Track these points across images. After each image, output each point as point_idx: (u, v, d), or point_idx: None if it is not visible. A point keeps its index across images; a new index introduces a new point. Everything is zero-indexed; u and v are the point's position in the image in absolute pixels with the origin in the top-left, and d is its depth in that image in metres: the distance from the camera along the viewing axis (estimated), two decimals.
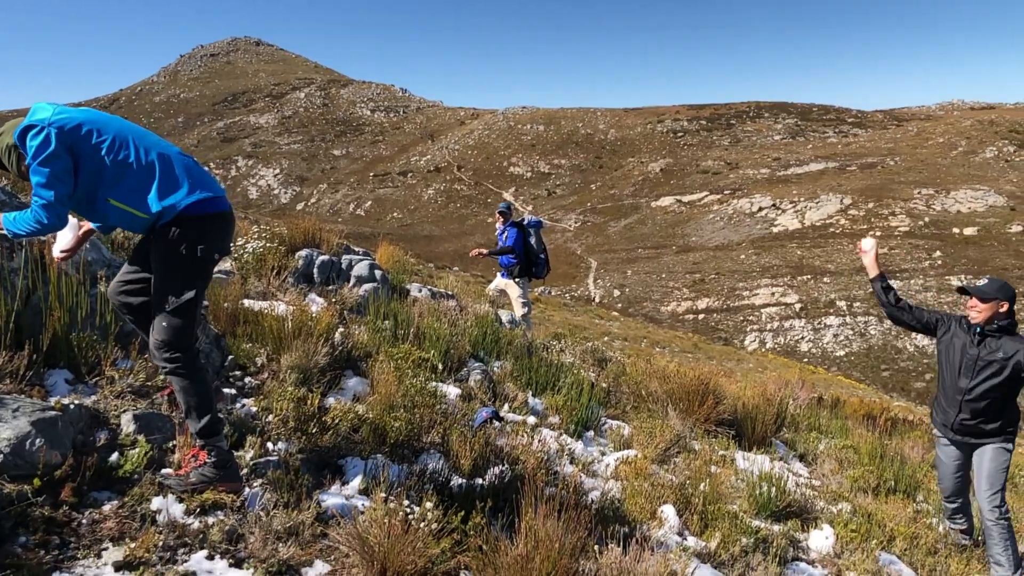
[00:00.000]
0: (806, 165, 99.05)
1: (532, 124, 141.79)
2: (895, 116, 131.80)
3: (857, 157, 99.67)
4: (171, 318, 3.14)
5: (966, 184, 78.41)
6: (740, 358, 33.26)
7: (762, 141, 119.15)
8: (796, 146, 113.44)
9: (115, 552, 2.79)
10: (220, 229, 3.25)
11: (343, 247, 7.29)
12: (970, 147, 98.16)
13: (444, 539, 3.24)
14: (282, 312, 4.94)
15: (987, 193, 74.83)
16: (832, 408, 9.89)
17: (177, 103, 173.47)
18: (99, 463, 3.13)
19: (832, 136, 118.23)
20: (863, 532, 4.96)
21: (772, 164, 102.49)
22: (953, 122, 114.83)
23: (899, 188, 79.06)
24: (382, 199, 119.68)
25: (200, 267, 3.19)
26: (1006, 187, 78.08)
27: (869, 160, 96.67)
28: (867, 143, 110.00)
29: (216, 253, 3.24)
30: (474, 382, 5.71)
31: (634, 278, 67.57)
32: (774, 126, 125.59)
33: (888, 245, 64.83)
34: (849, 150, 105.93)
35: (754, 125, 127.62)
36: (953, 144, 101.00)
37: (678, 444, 5.88)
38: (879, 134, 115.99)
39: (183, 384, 3.18)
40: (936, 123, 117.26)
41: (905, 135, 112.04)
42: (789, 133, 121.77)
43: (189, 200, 3.12)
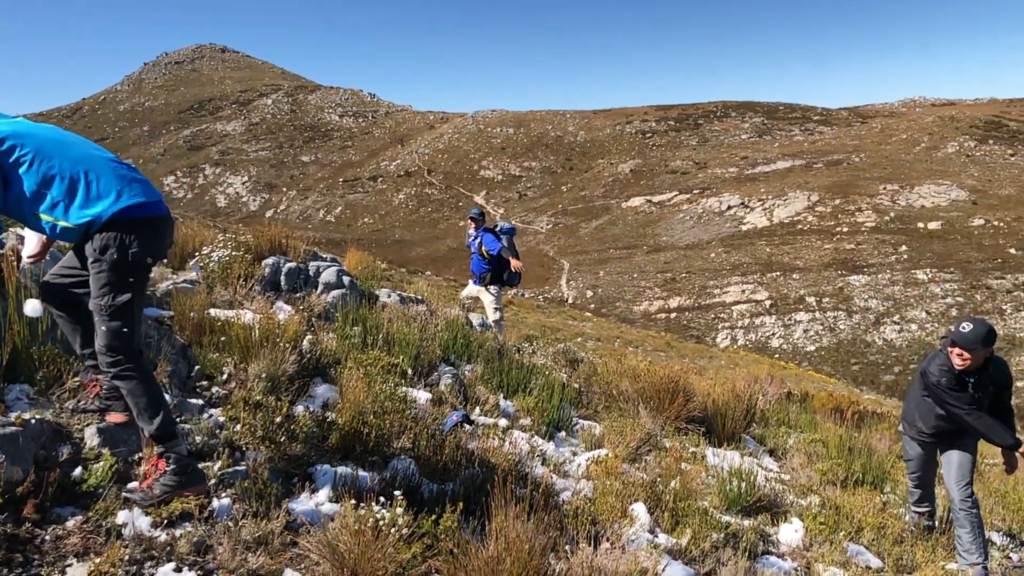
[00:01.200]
0: (773, 163, 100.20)
1: (502, 127, 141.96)
2: (860, 113, 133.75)
3: (823, 155, 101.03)
4: (109, 322, 3.13)
5: (929, 179, 79.82)
6: (712, 355, 33.52)
7: (730, 140, 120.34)
8: (763, 145, 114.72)
9: (80, 568, 2.75)
10: (153, 233, 3.24)
11: (311, 254, 7.25)
12: (932, 143, 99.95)
13: (415, 544, 3.24)
14: (249, 320, 4.90)
15: (950, 188, 76.24)
16: (801, 403, 10.00)
17: (142, 112, 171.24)
18: (62, 478, 3.08)
19: (798, 134, 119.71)
20: (831, 524, 5.03)
21: (740, 163, 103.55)
22: (916, 119, 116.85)
23: (865, 184, 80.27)
24: (352, 205, 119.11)
25: (133, 271, 3.17)
26: (968, 182, 79.62)
27: (835, 157, 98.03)
28: (833, 140, 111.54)
29: (149, 257, 3.22)
30: (445, 386, 5.71)
31: (606, 279, 67.89)
32: (741, 125, 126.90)
33: (855, 241, 65.78)
34: (815, 148, 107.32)
35: (721, 125, 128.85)
36: (916, 140, 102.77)
37: (649, 442, 5.92)
38: (844, 131, 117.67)
39: (130, 387, 3.18)
40: (899, 120, 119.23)
41: (870, 132, 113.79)
42: (756, 132, 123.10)
43: (117, 207, 3.11)
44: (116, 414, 3.46)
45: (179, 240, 6.66)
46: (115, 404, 3.47)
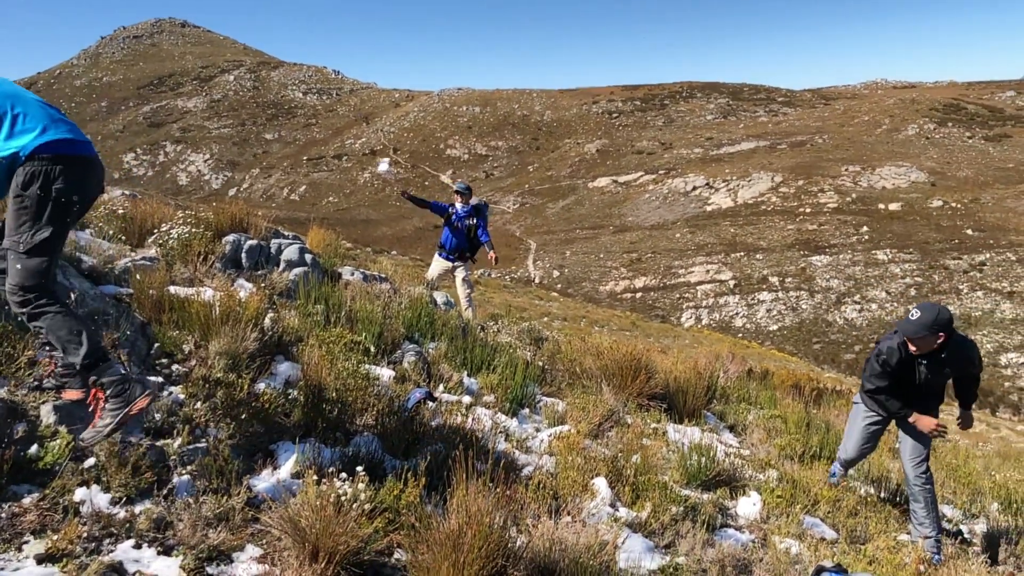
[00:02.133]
0: (738, 144, 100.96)
1: (468, 106, 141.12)
2: (823, 95, 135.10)
3: (787, 136, 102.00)
4: (26, 260, 3.05)
5: (890, 161, 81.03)
6: (677, 335, 33.88)
7: (695, 121, 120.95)
8: (728, 125, 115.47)
9: (37, 545, 2.73)
10: (80, 173, 3.18)
11: (272, 231, 7.18)
12: (893, 125, 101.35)
13: (377, 519, 3.26)
14: (209, 298, 4.85)
15: (910, 169, 77.47)
16: (761, 380, 10.17)
17: (100, 87, 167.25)
18: (17, 456, 3.05)
19: (763, 115, 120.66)
20: (788, 497, 5.14)
21: (705, 144, 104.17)
22: (877, 101, 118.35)
23: (827, 165, 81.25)
24: (317, 183, 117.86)
25: (56, 208, 3.09)
26: (927, 163, 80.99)
27: (799, 138, 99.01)
28: (796, 122, 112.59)
29: (74, 195, 3.14)
30: (408, 364, 5.71)
31: (573, 259, 68.12)
32: (706, 106, 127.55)
33: (818, 221, 66.66)
34: (779, 129, 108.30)
35: (687, 105, 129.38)
36: (877, 122, 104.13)
37: (611, 419, 5.99)
38: (808, 113, 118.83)
39: (48, 323, 3.12)
40: (861, 102, 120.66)
41: (832, 113, 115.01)
42: (721, 113, 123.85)
43: (42, 140, 3.07)
44: (72, 391, 3.42)
45: (137, 217, 6.55)
46: (71, 381, 3.42)
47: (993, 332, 47.03)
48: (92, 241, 5.74)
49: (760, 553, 4.22)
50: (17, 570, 2.59)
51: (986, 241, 58.34)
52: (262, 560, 2.99)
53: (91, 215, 6.58)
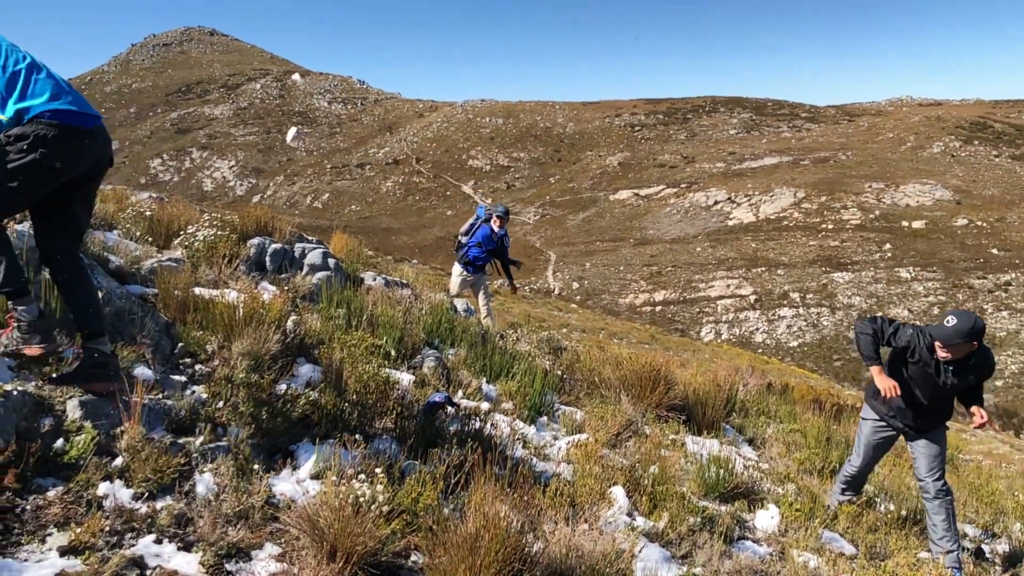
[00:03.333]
0: (760, 159, 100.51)
1: (491, 117, 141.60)
2: (847, 112, 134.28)
3: (810, 151, 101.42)
4: None
5: (914, 178, 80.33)
6: (696, 349, 33.70)
7: (718, 135, 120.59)
8: (751, 140, 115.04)
9: (60, 537, 2.77)
10: (74, 143, 3.36)
11: (296, 236, 7.24)
12: (918, 142, 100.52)
13: (395, 520, 3.28)
14: (233, 300, 4.89)
15: (934, 187, 76.77)
16: (781, 394, 10.09)
17: (129, 93, 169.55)
18: (43, 449, 3.09)
19: (786, 131, 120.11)
20: (807, 511, 5.10)
21: (727, 158, 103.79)
22: (902, 118, 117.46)
23: (851, 182, 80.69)
24: (340, 191, 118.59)
25: (32, 167, 3.26)
26: (952, 181, 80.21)
27: (822, 154, 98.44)
28: (820, 138, 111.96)
29: (57, 163, 3.31)
30: (428, 369, 5.74)
31: (592, 271, 68.01)
32: (729, 120, 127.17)
33: (840, 238, 66.17)
34: (802, 144, 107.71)
35: (710, 119, 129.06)
36: (902, 139, 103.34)
37: (630, 428, 5.98)
38: (831, 129, 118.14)
39: None
40: (886, 119, 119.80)
41: (857, 130, 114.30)
42: (744, 127, 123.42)
43: (46, 107, 3.28)
44: (33, 347, 3.53)
45: (164, 219, 6.64)
46: (31, 337, 3.52)
47: (1018, 353, 46.40)
48: (119, 242, 5.82)
49: (778, 566, 4.19)
50: (40, 562, 2.63)
51: (1012, 261, 57.63)
52: (280, 559, 3.02)
53: (119, 216, 6.67)
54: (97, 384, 3.52)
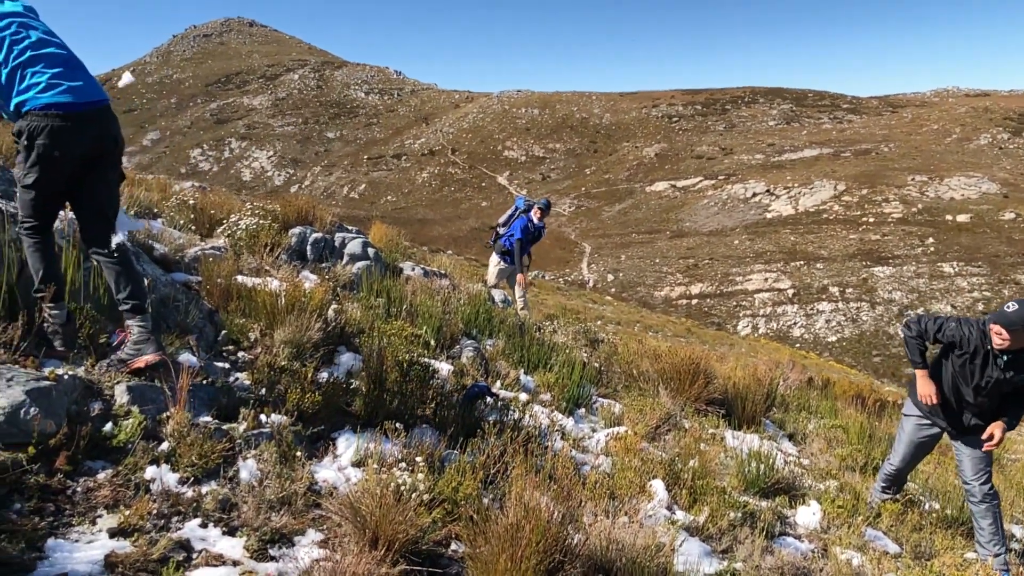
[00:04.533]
0: (800, 151, 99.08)
1: (527, 108, 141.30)
2: (890, 102, 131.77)
3: (851, 143, 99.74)
4: (21, 192, 3.54)
5: (960, 171, 78.61)
6: (733, 343, 33.39)
7: (757, 127, 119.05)
8: (791, 132, 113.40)
9: (110, 519, 2.82)
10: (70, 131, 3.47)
11: (336, 225, 7.29)
12: (964, 134, 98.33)
13: (435, 509, 3.29)
14: (275, 288, 4.94)
15: (980, 180, 75.04)
16: (822, 389, 9.95)
17: (170, 84, 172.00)
18: (93, 433, 3.15)
19: (827, 122, 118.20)
20: (850, 508, 5.02)
21: (766, 150, 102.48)
22: (948, 109, 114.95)
23: (893, 175, 79.21)
24: (376, 182, 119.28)
25: (39, 159, 3.44)
26: (999, 174, 78.34)
27: (863, 146, 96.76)
28: (861, 129, 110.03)
29: (55, 151, 3.45)
30: (466, 359, 5.75)
31: (628, 263, 67.66)
32: (769, 112, 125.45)
33: (881, 232, 65.04)
34: (844, 136, 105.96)
35: (749, 110, 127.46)
36: (948, 131, 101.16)
37: (668, 422, 5.93)
38: (874, 120, 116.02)
39: (25, 249, 3.62)
40: (931, 110, 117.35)
41: (900, 122, 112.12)
42: (784, 119, 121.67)
43: (37, 101, 3.41)
44: (146, 357, 3.64)
45: (207, 208, 6.73)
46: (145, 347, 3.64)
47: None
48: (163, 230, 5.91)
49: (820, 563, 4.14)
50: (91, 543, 2.68)
51: None
52: (323, 545, 3.04)
53: (163, 205, 6.78)
54: (145, 358, 3.61)
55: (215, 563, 2.76)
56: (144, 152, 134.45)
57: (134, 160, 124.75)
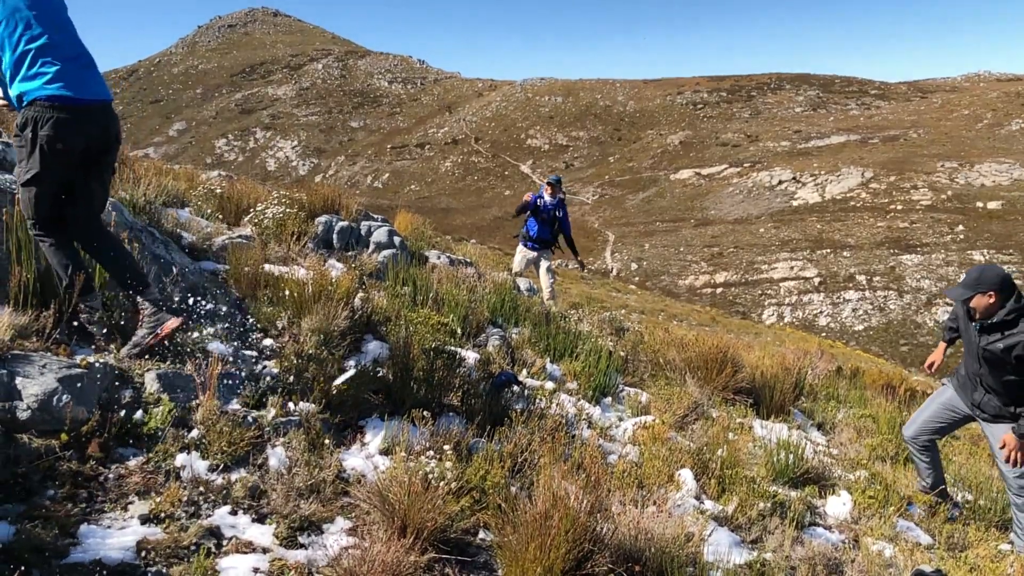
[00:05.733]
0: (827, 138, 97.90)
1: (550, 96, 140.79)
2: (919, 88, 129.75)
3: (880, 130, 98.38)
4: (22, 190, 3.52)
5: (991, 157, 77.25)
6: (758, 331, 33.15)
7: (783, 113, 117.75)
8: (817, 118, 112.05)
9: (141, 506, 2.84)
10: (73, 123, 3.44)
11: (362, 213, 7.30)
12: (996, 119, 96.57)
13: (463, 498, 3.28)
14: (302, 276, 4.95)
15: (1012, 167, 73.70)
16: (851, 379, 9.84)
17: (195, 74, 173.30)
18: (124, 420, 3.17)
19: (854, 108, 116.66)
20: (881, 499, 4.95)
21: (793, 137, 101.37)
22: (979, 94, 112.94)
23: (922, 161, 78.04)
24: (399, 171, 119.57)
25: (42, 152, 3.41)
26: None
27: (892, 133, 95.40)
28: (890, 116, 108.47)
29: (59, 144, 3.42)
30: (493, 347, 5.73)
31: (652, 251, 67.34)
32: (795, 98, 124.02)
33: (910, 219, 64.17)
34: (871, 123, 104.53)
35: (775, 97, 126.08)
36: (978, 116, 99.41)
37: (696, 411, 5.89)
38: (902, 106, 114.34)
39: (44, 249, 3.60)
40: (961, 95, 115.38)
41: (929, 107, 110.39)
42: (810, 105, 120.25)
43: (42, 92, 3.39)
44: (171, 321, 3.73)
45: (234, 196, 6.76)
46: (161, 317, 3.71)
47: None
48: (191, 219, 5.94)
49: (852, 554, 4.08)
50: (123, 529, 2.70)
51: None
52: (352, 532, 3.04)
53: (190, 194, 6.81)
54: (167, 325, 3.66)
55: (245, 550, 2.77)
56: (170, 143, 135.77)
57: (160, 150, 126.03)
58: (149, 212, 5.38)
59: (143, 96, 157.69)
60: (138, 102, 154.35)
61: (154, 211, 5.45)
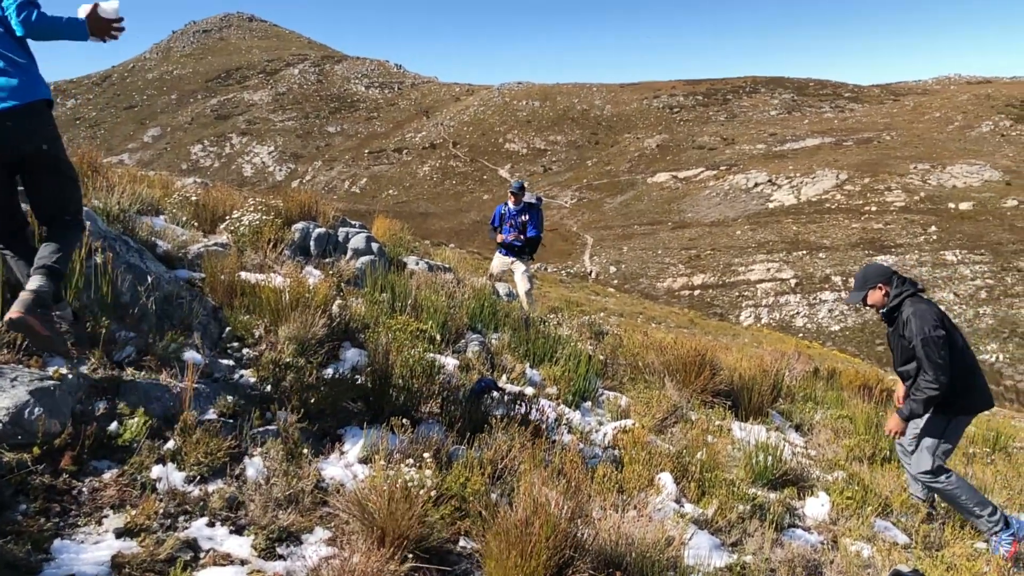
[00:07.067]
0: (802, 140, 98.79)
1: (528, 100, 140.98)
2: (892, 91, 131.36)
3: (853, 132, 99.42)
4: None
5: (962, 159, 78.34)
6: (736, 333, 33.35)
7: (758, 116, 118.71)
8: (792, 121, 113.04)
9: (116, 519, 2.80)
10: None
11: (339, 220, 7.26)
12: (966, 121, 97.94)
13: (444, 506, 3.26)
14: (279, 284, 4.92)
15: (983, 168, 74.78)
16: (828, 380, 9.92)
17: (170, 80, 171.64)
18: (98, 432, 3.13)
19: (828, 111, 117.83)
20: (859, 499, 4.99)
21: (768, 139, 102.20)
22: (950, 96, 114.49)
23: (895, 163, 78.97)
24: (377, 176, 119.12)
25: None
26: (1002, 161, 78.06)
27: (865, 135, 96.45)
28: (863, 118, 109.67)
29: None
30: (472, 353, 5.72)
31: (630, 254, 67.57)
32: (770, 101, 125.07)
33: (884, 220, 64.89)
34: (846, 125, 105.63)
35: (750, 100, 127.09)
36: (949, 119, 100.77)
37: (675, 414, 5.91)
38: (875, 109, 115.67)
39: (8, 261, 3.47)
40: (933, 97, 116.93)
41: (902, 110, 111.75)
42: (785, 108, 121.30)
43: None
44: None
45: (209, 204, 6.69)
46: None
47: None
48: (166, 227, 5.88)
49: (831, 555, 4.11)
50: (98, 543, 2.66)
51: None
52: (331, 543, 3.02)
53: (165, 202, 6.74)
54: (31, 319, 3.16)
55: (223, 562, 2.74)
56: (145, 149, 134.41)
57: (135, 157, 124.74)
58: (123, 220, 5.32)
59: (117, 102, 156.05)
60: (112, 108, 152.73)
61: (128, 219, 5.39)
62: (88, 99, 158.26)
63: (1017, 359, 45.11)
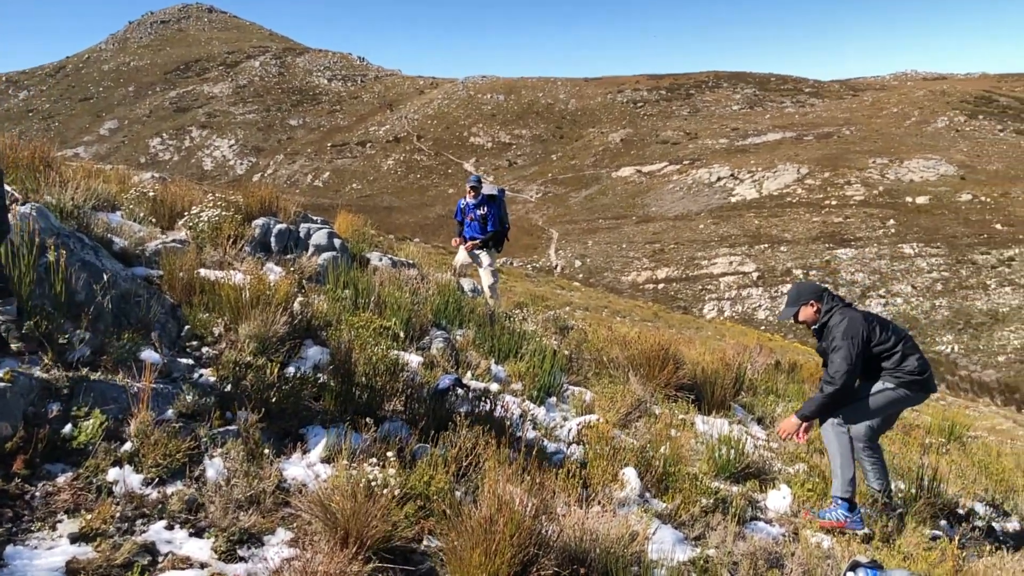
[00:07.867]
0: (764, 135, 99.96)
1: (492, 94, 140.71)
2: (851, 86, 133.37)
3: (814, 127, 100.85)
4: None
5: (919, 153, 79.89)
6: (699, 326, 33.64)
7: (721, 111, 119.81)
8: (754, 116, 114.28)
9: (71, 524, 2.74)
10: None
11: (301, 216, 7.17)
12: (923, 117, 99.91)
13: (408, 504, 3.24)
14: (239, 281, 4.84)
15: (939, 162, 76.36)
16: (789, 372, 10.06)
17: (127, 72, 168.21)
18: (52, 435, 3.06)
19: (789, 106, 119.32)
20: (819, 491, 5.06)
21: (730, 134, 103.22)
22: (907, 92, 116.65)
23: (854, 158, 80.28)
24: (340, 170, 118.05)
25: None
26: (957, 156, 79.78)
27: (825, 130, 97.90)
28: (824, 113, 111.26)
29: None
30: (436, 350, 5.69)
31: (595, 248, 67.87)
32: (732, 96, 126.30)
33: (843, 214, 65.91)
34: (806, 120, 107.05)
35: (713, 95, 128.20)
36: (906, 114, 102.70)
37: (639, 408, 5.94)
38: (835, 104, 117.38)
39: None
40: (890, 93, 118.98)
41: (861, 105, 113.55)
42: (747, 103, 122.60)
43: None
44: None
45: (167, 199, 6.57)
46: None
47: (1021, 328, 46.37)
48: (123, 223, 5.76)
49: (792, 547, 4.16)
50: (51, 549, 2.60)
51: (1015, 236, 57.41)
52: (293, 544, 2.99)
53: (121, 197, 6.60)
54: None
55: (182, 566, 2.70)
56: (101, 142, 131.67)
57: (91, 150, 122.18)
58: (77, 217, 5.20)
59: (72, 94, 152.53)
60: (66, 100, 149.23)
61: (83, 216, 5.27)
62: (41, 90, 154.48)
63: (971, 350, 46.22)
